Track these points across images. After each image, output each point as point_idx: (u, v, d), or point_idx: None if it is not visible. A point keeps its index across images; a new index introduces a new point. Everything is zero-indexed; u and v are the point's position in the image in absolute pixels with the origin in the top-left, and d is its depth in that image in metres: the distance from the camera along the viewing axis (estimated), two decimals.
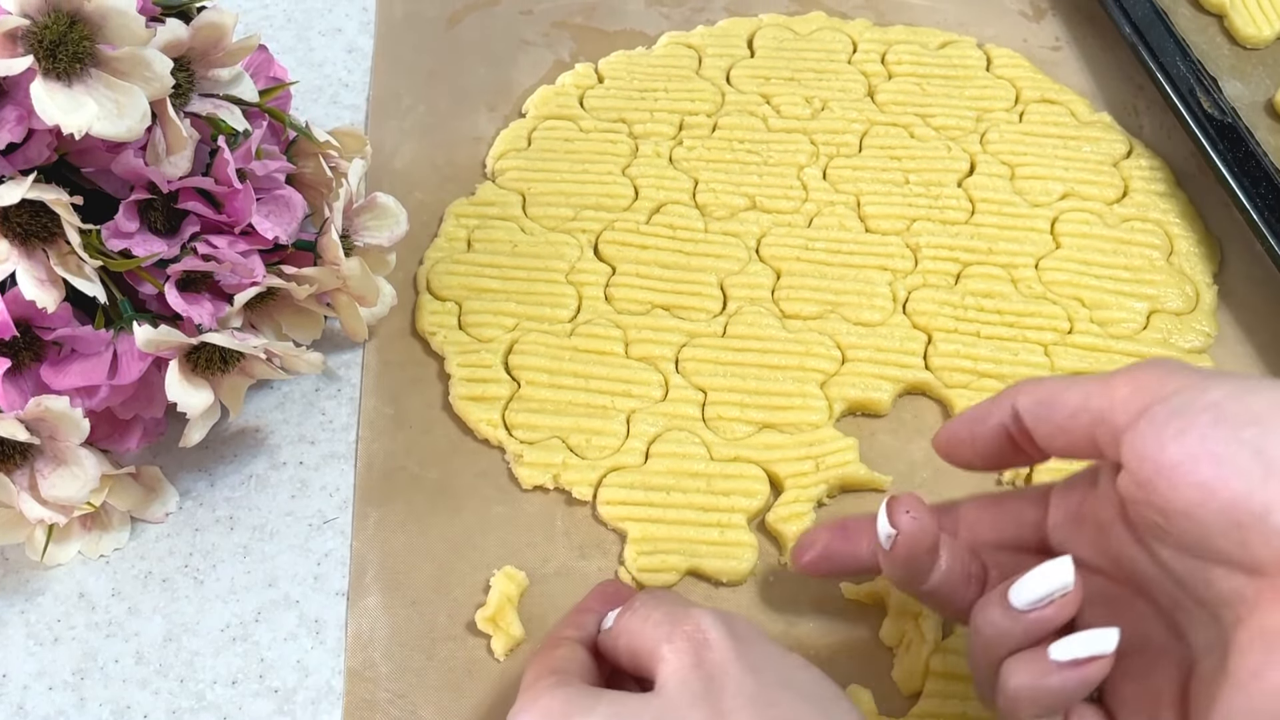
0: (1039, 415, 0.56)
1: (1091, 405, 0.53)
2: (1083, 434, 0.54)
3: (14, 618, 0.68)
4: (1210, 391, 0.49)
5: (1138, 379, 0.52)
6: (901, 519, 0.56)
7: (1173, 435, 0.49)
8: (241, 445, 0.75)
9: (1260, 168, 0.82)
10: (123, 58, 0.61)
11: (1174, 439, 0.49)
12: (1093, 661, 0.50)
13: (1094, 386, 0.53)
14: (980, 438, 0.59)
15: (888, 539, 0.56)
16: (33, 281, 0.62)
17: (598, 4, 1.01)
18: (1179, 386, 0.50)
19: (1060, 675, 0.50)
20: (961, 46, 0.97)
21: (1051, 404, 0.55)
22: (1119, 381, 0.53)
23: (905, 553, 0.56)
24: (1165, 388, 0.51)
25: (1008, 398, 0.58)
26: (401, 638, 0.67)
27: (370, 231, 0.76)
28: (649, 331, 0.78)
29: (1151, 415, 0.50)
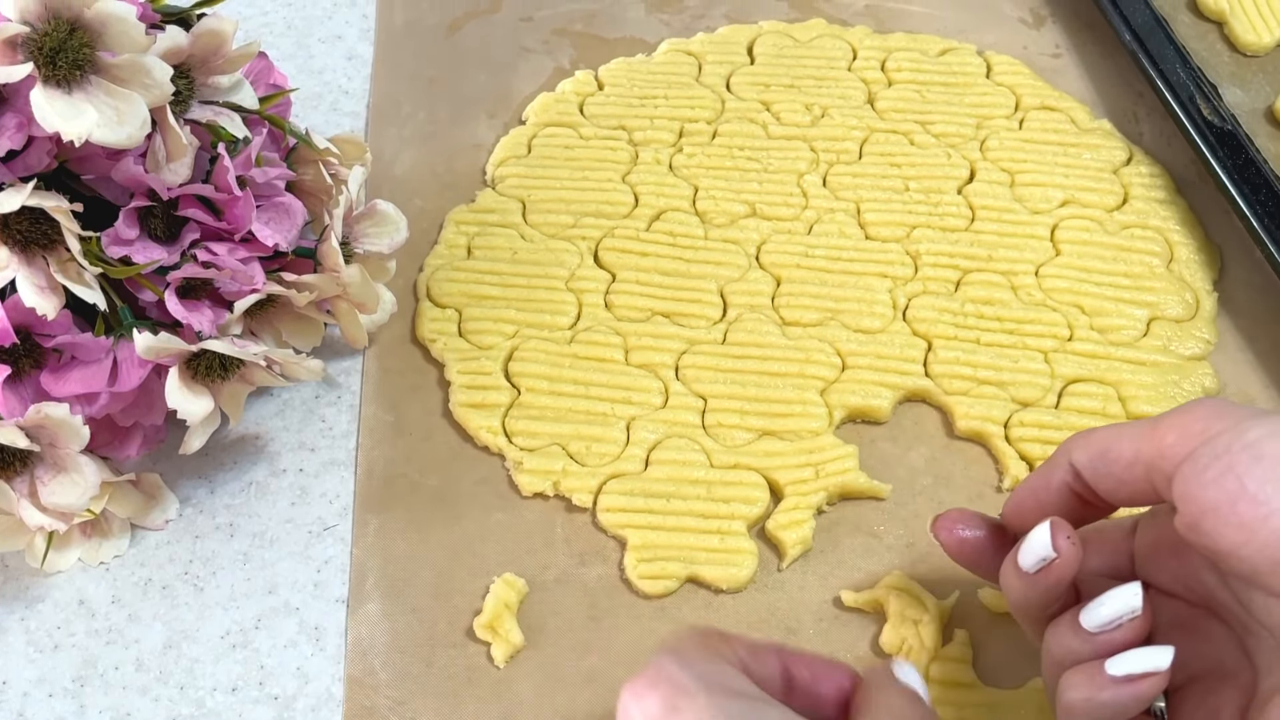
0: (1098, 470, 0.56)
1: (1143, 455, 0.53)
2: (1142, 483, 0.54)
3: (14, 625, 0.68)
4: (1249, 432, 0.50)
5: (1183, 424, 0.52)
6: (1063, 544, 0.55)
7: (1213, 478, 0.49)
8: (241, 452, 0.75)
9: (1260, 175, 0.82)
10: (123, 65, 0.61)
11: (1214, 481, 0.49)
12: (1147, 678, 0.50)
13: (1144, 435, 0.54)
14: (1048, 504, 0.59)
15: (1040, 561, 0.55)
16: (33, 288, 0.62)
17: (598, 11, 1.01)
18: (1221, 429, 0.51)
19: (1114, 689, 0.51)
20: (961, 53, 0.97)
21: (1107, 457, 0.55)
22: (1166, 427, 0.53)
23: (1056, 578, 0.55)
24: (1209, 430, 0.51)
25: (1064, 455, 0.58)
26: (401, 645, 0.67)
27: (370, 239, 0.76)
28: (649, 339, 0.78)
29: (1195, 458, 0.50)
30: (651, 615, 0.68)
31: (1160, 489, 0.53)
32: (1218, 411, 0.52)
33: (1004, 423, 0.75)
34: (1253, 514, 0.48)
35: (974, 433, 0.75)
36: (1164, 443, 0.52)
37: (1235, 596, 0.53)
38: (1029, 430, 0.74)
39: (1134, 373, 0.77)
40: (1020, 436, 0.74)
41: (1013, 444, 0.74)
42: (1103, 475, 0.56)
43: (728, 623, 0.68)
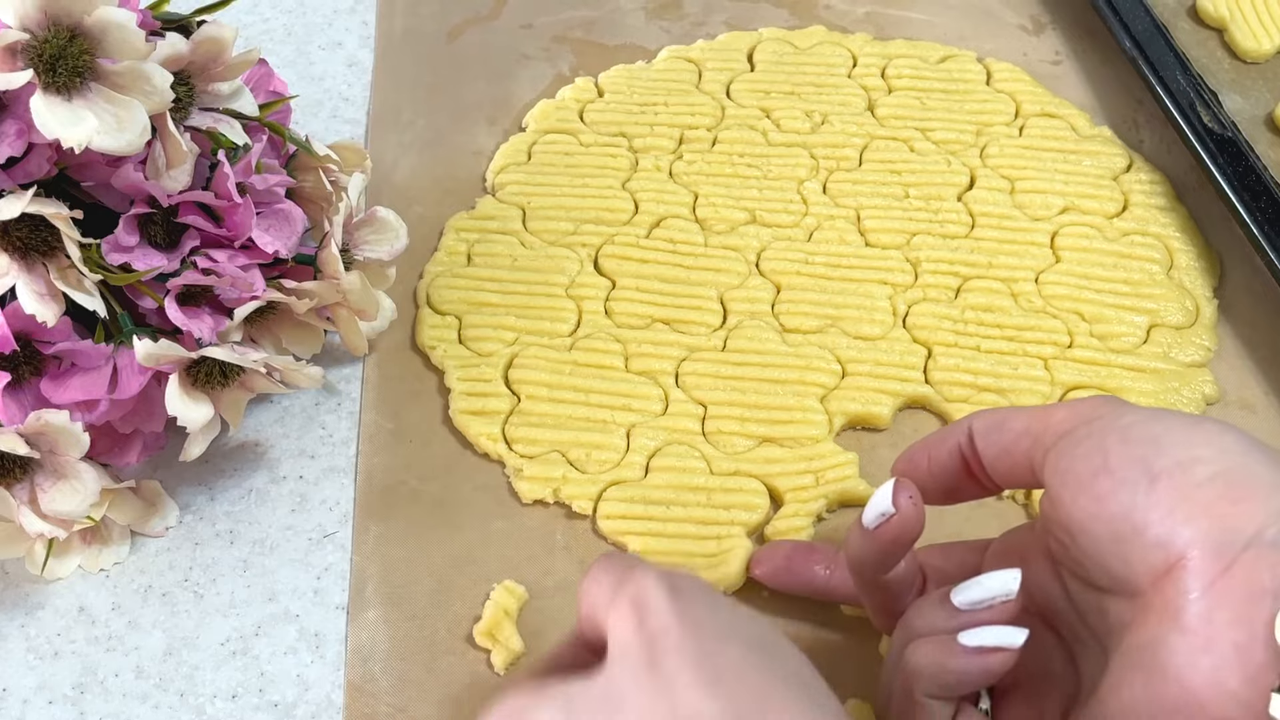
0: (989, 438, 0.58)
1: (1032, 428, 0.56)
2: (1023, 456, 0.56)
3: (14, 632, 0.68)
4: (1125, 417, 0.53)
5: (1074, 407, 0.55)
6: (903, 501, 0.56)
7: (1082, 453, 0.52)
8: (241, 459, 0.75)
9: (1260, 182, 0.82)
10: (123, 72, 0.61)
11: (1082, 456, 0.52)
12: (996, 653, 0.52)
13: (1037, 413, 0.57)
14: (936, 460, 0.60)
15: (880, 517, 0.56)
16: (33, 295, 0.62)
17: (598, 18, 1.01)
18: (1104, 414, 0.53)
19: (964, 659, 0.52)
20: (961, 61, 0.97)
21: (1000, 427, 0.58)
22: (1058, 409, 0.56)
23: (894, 535, 0.56)
24: (1093, 414, 0.54)
25: (965, 420, 0.60)
26: (401, 651, 0.67)
27: (370, 246, 0.76)
28: (649, 346, 0.78)
29: (1072, 434, 0.54)
30: None
31: (1036, 465, 0.55)
32: (1109, 401, 0.55)
33: None
34: (1106, 487, 0.50)
35: None
36: (1052, 419, 0.55)
37: (1073, 605, 0.55)
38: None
39: (1134, 380, 0.77)
40: None
41: None
42: (992, 443, 0.58)
43: None
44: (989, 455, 0.58)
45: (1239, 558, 0.46)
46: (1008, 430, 0.57)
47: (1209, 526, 0.47)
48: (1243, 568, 0.46)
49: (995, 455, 0.58)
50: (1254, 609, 0.45)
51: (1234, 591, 0.46)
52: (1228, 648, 0.45)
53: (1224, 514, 0.47)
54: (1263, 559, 0.46)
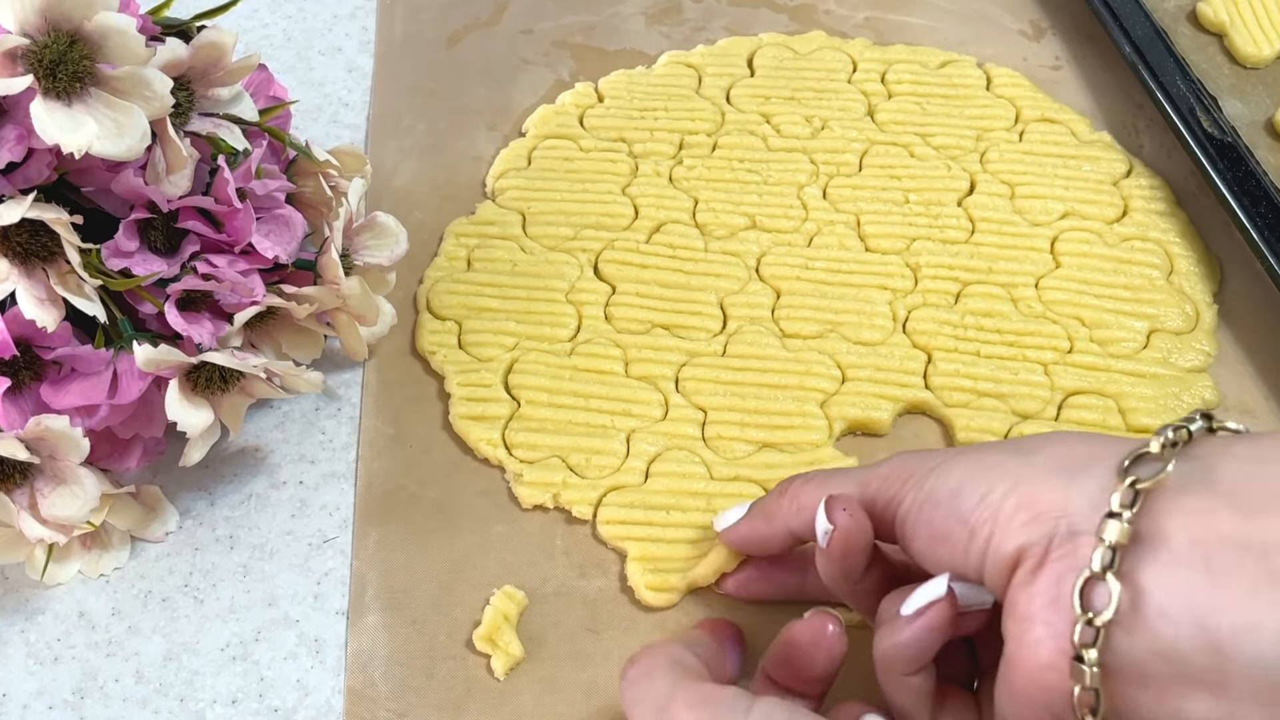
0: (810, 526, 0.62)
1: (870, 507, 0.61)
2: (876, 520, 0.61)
3: (14, 637, 0.68)
4: (926, 481, 0.58)
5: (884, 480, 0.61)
6: (839, 516, 0.59)
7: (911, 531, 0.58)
8: (241, 464, 0.75)
9: (1260, 187, 0.82)
10: (123, 77, 0.61)
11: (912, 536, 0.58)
12: (931, 606, 0.55)
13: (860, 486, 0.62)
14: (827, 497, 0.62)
15: (825, 535, 0.59)
16: (32, 301, 0.62)
17: (598, 23, 1.01)
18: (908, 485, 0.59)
19: (911, 628, 0.56)
20: (961, 66, 0.97)
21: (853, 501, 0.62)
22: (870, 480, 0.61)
23: (841, 549, 0.59)
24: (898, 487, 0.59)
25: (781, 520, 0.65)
26: (401, 657, 0.67)
27: (370, 251, 0.76)
28: (649, 351, 0.78)
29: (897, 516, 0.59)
30: (651, 628, 0.68)
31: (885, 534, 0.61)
32: (902, 466, 0.60)
33: (1004, 435, 0.75)
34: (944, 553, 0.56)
35: None
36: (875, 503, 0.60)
37: None
38: None
39: (1134, 385, 0.77)
40: None
41: None
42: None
43: None
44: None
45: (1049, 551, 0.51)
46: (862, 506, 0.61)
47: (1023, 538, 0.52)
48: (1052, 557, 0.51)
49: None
50: (1060, 586, 0.50)
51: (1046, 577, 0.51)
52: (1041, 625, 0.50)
53: (1029, 524, 0.52)
54: (1064, 545, 0.51)
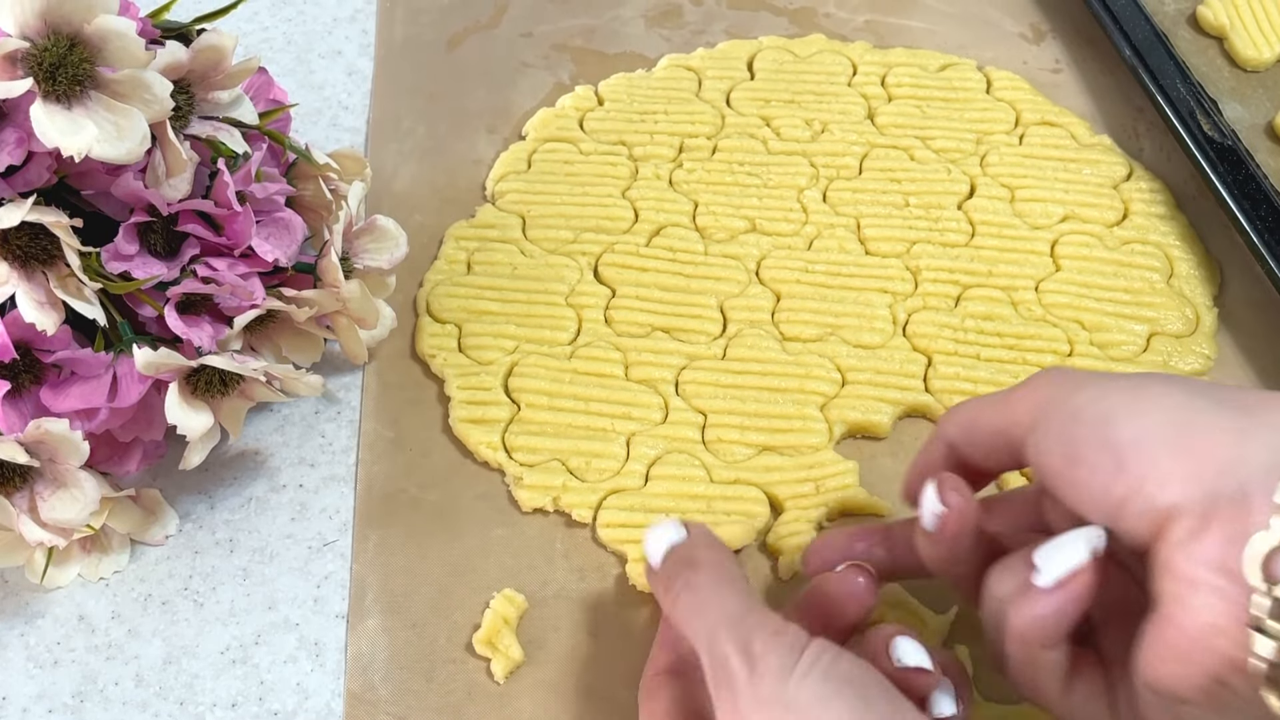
0: (967, 442, 0.60)
1: (1000, 426, 0.57)
2: (1004, 453, 0.58)
3: (14, 640, 0.68)
4: (1074, 397, 0.54)
5: (1031, 395, 0.57)
6: (951, 497, 0.57)
7: (1048, 448, 0.54)
8: (241, 468, 0.75)
9: (1260, 190, 0.82)
10: (123, 80, 0.61)
11: (1049, 451, 0.54)
12: (1074, 576, 0.52)
13: (999, 407, 0.58)
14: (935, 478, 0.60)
15: (935, 518, 0.57)
16: (32, 304, 0.62)
17: (598, 26, 1.01)
18: (1054, 398, 0.55)
19: (1050, 599, 0.53)
20: (961, 69, 0.97)
21: (974, 429, 0.59)
22: (1016, 399, 0.57)
23: (955, 529, 0.57)
24: (1048, 400, 0.55)
25: (940, 430, 0.61)
26: (401, 660, 0.67)
27: (370, 254, 0.76)
28: (649, 354, 0.78)
29: (1034, 428, 0.55)
30: (652, 631, 0.68)
31: (1019, 456, 0.57)
32: (1056, 380, 0.57)
33: None
34: (1080, 476, 0.52)
35: None
36: (1015, 413, 0.57)
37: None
38: None
39: None
40: None
41: None
42: (973, 446, 0.60)
43: None
44: (975, 459, 0.60)
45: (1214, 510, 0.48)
46: (980, 432, 0.59)
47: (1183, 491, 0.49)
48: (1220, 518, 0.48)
49: (981, 458, 0.59)
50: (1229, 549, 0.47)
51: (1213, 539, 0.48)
52: (1208, 590, 0.48)
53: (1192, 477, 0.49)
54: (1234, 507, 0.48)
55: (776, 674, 0.52)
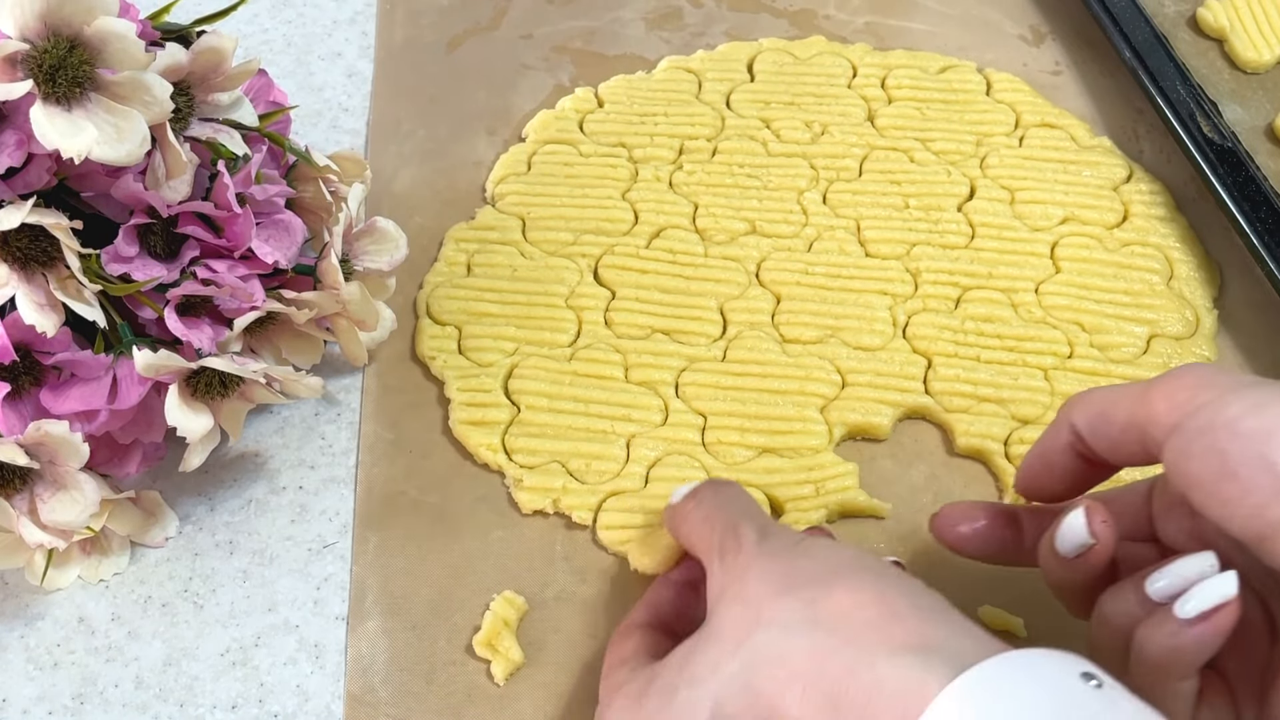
0: (1096, 432, 0.57)
1: (1136, 420, 0.55)
2: (1136, 448, 0.55)
3: (14, 642, 0.68)
4: (1230, 406, 0.51)
5: (1172, 394, 0.53)
6: (1100, 529, 0.55)
7: (1197, 453, 0.51)
8: (241, 470, 0.75)
9: (1260, 192, 0.82)
10: (122, 82, 0.61)
11: (1198, 457, 0.51)
12: (1220, 610, 0.50)
13: (1136, 400, 0.55)
14: (1056, 466, 0.60)
15: (1079, 546, 0.56)
16: (32, 306, 0.62)
17: (598, 28, 1.01)
18: (1205, 401, 0.52)
19: (1194, 632, 0.51)
20: (961, 71, 0.97)
21: (1104, 419, 0.57)
22: (1156, 396, 0.54)
23: (1096, 562, 0.56)
24: (1194, 401, 0.52)
25: (1065, 417, 0.59)
26: (401, 662, 0.67)
27: (370, 256, 0.76)
28: (649, 356, 0.78)
29: (1181, 431, 0.52)
30: None
31: (1153, 454, 0.54)
32: (1205, 381, 0.53)
33: (1004, 440, 0.75)
34: (1233, 492, 0.49)
35: (974, 450, 0.75)
36: (1154, 410, 0.54)
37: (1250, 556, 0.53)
38: (1029, 448, 0.74)
39: None
40: (1020, 454, 0.74)
41: (1013, 461, 0.74)
42: (1100, 437, 0.57)
43: None
44: (1101, 450, 0.58)
45: None
46: (1111, 423, 0.56)
47: None
48: None
49: (1107, 450, 0.57)
50: None
51: None
52: None
53: None
54: None
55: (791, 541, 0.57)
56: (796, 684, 0.50)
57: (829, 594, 0.52)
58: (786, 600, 0.53)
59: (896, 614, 0.50)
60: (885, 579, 0.53)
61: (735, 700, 0.52)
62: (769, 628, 0.52)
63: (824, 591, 0.52)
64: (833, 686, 0.48)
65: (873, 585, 0.52)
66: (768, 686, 0.51)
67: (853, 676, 0.48)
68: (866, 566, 0.54)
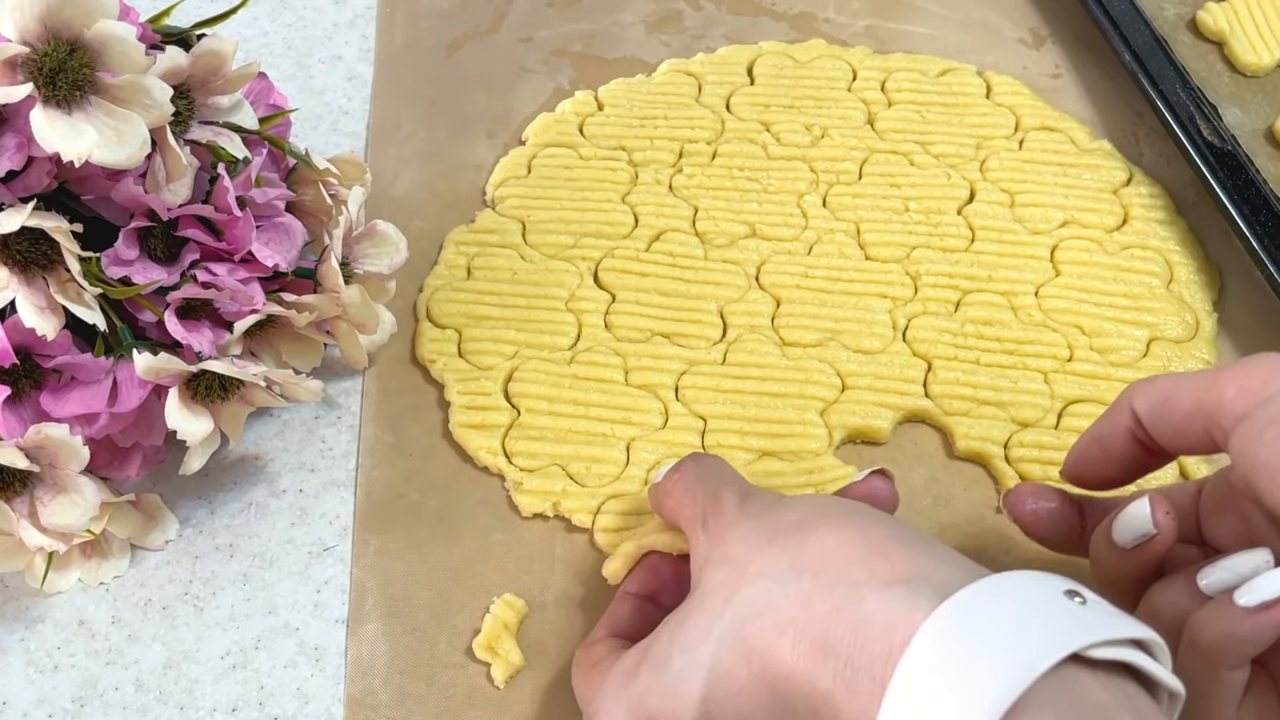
0: (1157, 417, 0.57)
1: (1203, 407, 0.54)
2: (1199, 434, 0.55)
3: (14, 645, 0.68)
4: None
5: (1243, 379, 0.53)
6: (1164, 520, 0.55)
7: (1269, 440, 0.51)
8: (241, 473, 0.75)
9: (1260, 195, 0.82)
10: (123, 85, 0.61)
11: (1269, 444, 0.51)
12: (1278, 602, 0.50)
13: (1204, 386, 0.55)
14: (1113, 451, 0.60)
15: (1139, 536, 0.56)
16: (32, 309, 0.62)
17: (597, 31, 1.01)
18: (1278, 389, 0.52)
19: (1252, 621, 0.51)
20: (961, 74, 0.97)
21: (1166, 405, 0.57)
22: (1226, 380, 0.54)
23: (1155, 553, 0.56)
24: (1267, 389, 0.52)
25: (1126, 402, 0.59)
26: (401, 665, 0.67)
27: (370, 259, 0.76)
28: (649, 359, 0.78)
29: (1252, 418, 0.52)
30: None
31: (1219, 442, 0.54)
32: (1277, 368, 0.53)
33: (1004, 443, 0.75)
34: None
35: (974, 453, 0.75)
36: (1224, 396, 0.53)
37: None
38: (1029, 451, 0.74)
39: None
40: (1020, 457, 0.74)
41: (1012, 464, 0.74)
42: (1162, 423, 0.57)
43: None
44: (1163, 437, 0.57)
45: None
46: (1175, 410, 0.56)
47: None
48: None
49: (1169, 436, 0.57)
50: None
51: None
52: None
53: None
54: None
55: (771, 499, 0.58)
56: (787, 631, 0.50)
57: (811, 538, 0.53)
58: (769, 552, 0.53)
59: (879, 550, 0.51)
60: (867, 517, 0.54)
61: (729, 657, 0.52)
62: (755, 581, 0.53)
63: (806, 537, 0.53)
64: (822, 628, 0.49)
65: (855, 524, 0.53)
66: (759, 639, 0.51)
67: (840, 615, 0.49)
68: (847, 509, 0.55)
